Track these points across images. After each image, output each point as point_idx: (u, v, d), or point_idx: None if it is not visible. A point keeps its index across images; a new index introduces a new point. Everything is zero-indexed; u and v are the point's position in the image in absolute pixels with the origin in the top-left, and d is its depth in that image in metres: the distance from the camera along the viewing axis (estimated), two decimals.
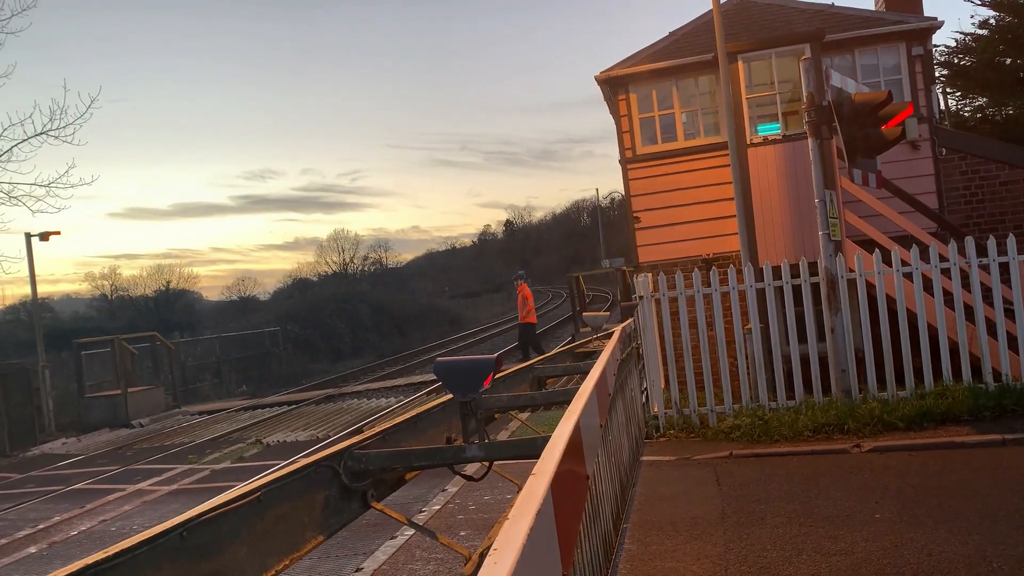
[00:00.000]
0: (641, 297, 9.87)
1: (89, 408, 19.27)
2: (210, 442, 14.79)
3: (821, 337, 9.54)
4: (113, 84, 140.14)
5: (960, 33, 27.79)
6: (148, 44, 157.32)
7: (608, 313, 9.41)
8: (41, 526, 9.66)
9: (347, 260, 73.74)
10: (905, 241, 10.03)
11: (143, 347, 22.59)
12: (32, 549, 8.73)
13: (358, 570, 6.25)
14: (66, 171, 23.92)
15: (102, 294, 55.94)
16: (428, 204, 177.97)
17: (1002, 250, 8.95)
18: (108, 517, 9.75)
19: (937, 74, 22.52)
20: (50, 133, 19.22)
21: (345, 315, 38.70)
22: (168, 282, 55.20)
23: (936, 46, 24.58)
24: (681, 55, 12.52)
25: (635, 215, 12.73)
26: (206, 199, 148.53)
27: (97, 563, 1.77)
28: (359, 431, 9.87)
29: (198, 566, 2.03)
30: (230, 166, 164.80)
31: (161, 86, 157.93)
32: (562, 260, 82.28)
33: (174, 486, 11.19)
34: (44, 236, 20.98)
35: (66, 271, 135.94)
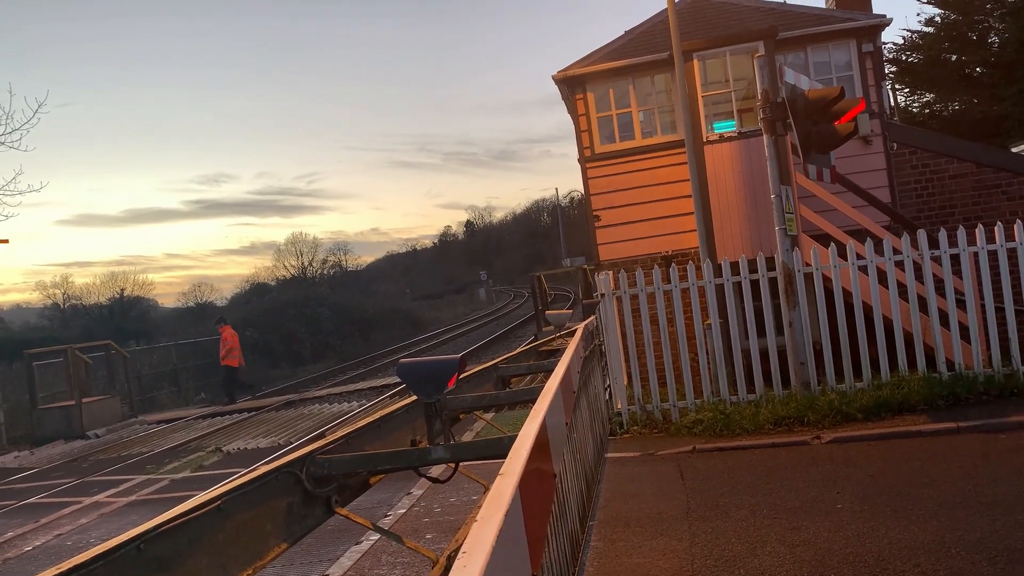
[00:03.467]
0: (602, 295, 9.90)
1: (42, 420, 18.76)
2: (169, 451, 14.51)
3: (780, 331, 9.66)
4: (61, 89, 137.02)
5: (907, 31, 28.46)
6: (97, 48, 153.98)
7: (570, 311, 9.44)
8: None
9: (306, 264, 72.97)
10: (859, 235, 10.20)
11: (98, 356, 22.07)
12: None
13: None
14: (13, 178, 23.34)
15: (54, 303, 54.59)
16: (387, 206, 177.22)
17: (953, 242, 9.15)
18: (64, 531, 9.50)
19: (887, 71, 23.02)
20: None
21: (305, 319, 38.24)
22: (122, 290, 54.04)
23: (885, 43, 25.17)
24: (637, 54, 12.59)
25: (595, 213, 12.77)
26: (159, 204, 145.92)
27: None
28: (321, 436, 9.75)
29: None
30: (183, 170, 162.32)
31: (110, 90, 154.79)
32: (524, 260, 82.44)
33: (132, 497, 10.95)
34: None
35: (15, 280, 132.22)
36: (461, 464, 3.63)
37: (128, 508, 10.40)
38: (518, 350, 7.81)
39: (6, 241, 20.53)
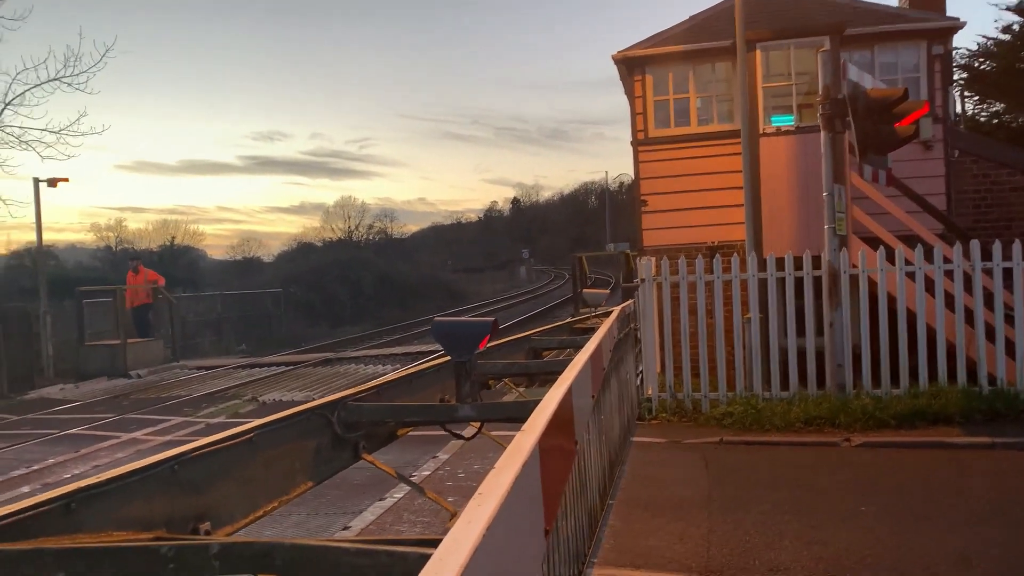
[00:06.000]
0: (643, 280, 9.88)
1: (88, 356, 19.33)
2: (206, 397, 14.88)
3: (819, 332, 9.56)
4: (127, 35, 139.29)
5: (983, 37, 27.55)
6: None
7: (608, 292, 9.44)
8: (36, 467, 9.76)
9: (352, 228, 73.78)
10: (910, 241, 10.01)
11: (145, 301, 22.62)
12: (26, 488, 8.82)
13: (346, 528, 6.32)
14: (77, 119, 23.77)
15: (107, 245, 56.01)
16: (435, 177, 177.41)
17: (1007, 255, 8.94)
18: (101, 463, 9.84)
19: (956, 76, 22.39)
20: (63, 79, 19.16)
21: (347, 281, 38.78)
22: (173, 238, 55.28)
23: (957, 48, 24.44)
24: (700, 40, 12.45)
25: (643, 198, 12.71)
26: (214, 157, 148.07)
27: (89, 487, 1.81)
28: None
29: (188, 500, 2.07)
30: (239, 125, 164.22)
31: (173, 41, 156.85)
32: (567, 241, 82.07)
33: (168, 437, 11.28)
34: (52, 182, 20.95)
35: (71, 220, 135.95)
36: (486, 431, 3.70)
37: (163, 447, 10.72)
38: (552, 325, 7.87)
39: (66, 180, 21.09)
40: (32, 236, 22.48)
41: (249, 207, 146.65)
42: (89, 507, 1.80)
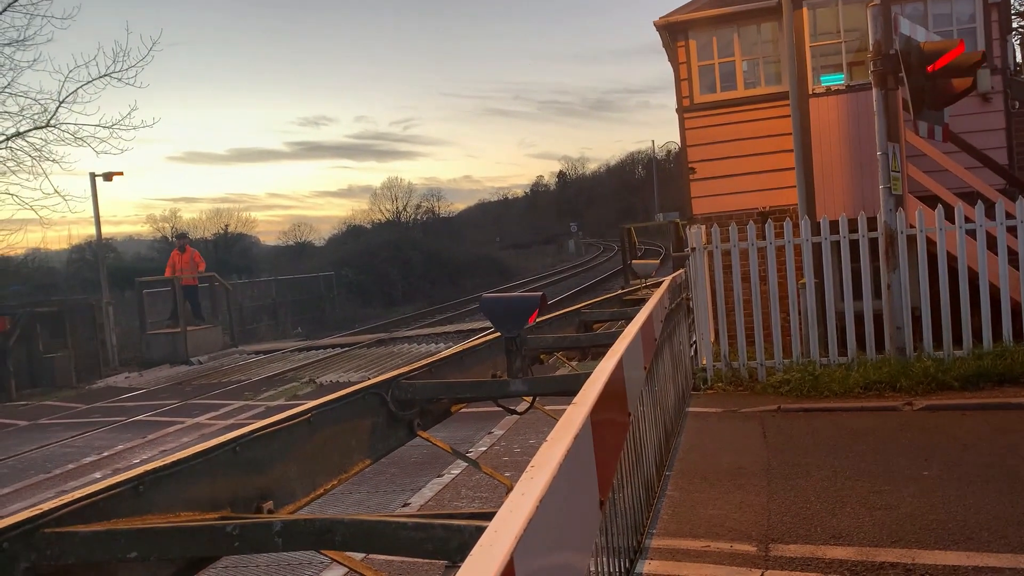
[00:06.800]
0: (693, 249, 9.76)
1: (150, 345, 19.90)
2: (265, 380, 15.21)
3: (877, 294, 9.36)
4: (172, 27, 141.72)
5: None
6: None
7: (658, 262, 9.34)
8: (106, 453, 10.11)
9: (400, 208, 74.33)
10: (970, 198, 9.70)
11: (202, 288, 23.14)
12: (97, 474, 9.15)
13: (405, 504, 6.43)
14: (128, 113, 24.16)
15: (163, 236, 57.34)
16: (481, 154, 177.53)
17: None
18: (168, 447, 10.15)
19: (1014, 24, 21.50)
20: (113, 75, 19.52)
21: (397, 262, 39.19)
22: (226, 226, 56.41)
23: None
24: (744, 1, 12.17)
25: (691, 166, 12.54)
26: (262, 145, 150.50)
27: (156, 470, 1.87)
28: None
29: (250, 480, 2.13)
30: (285, 112, 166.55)
31: (217, 30, 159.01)
32: (615, 213, 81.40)
33: (230, 420, 11.57)
34: (108, 176, 21.48)
35: (128, 213, 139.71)
36: (540, 404, 3.72)
37: (226, 430, 10.96)
38: (602, 297, 7.83)
39: (120, 173, 21.60)
40: (91, 230, 23.18)
41: (298, 192, 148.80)
42: (157, 489, 1.87)
